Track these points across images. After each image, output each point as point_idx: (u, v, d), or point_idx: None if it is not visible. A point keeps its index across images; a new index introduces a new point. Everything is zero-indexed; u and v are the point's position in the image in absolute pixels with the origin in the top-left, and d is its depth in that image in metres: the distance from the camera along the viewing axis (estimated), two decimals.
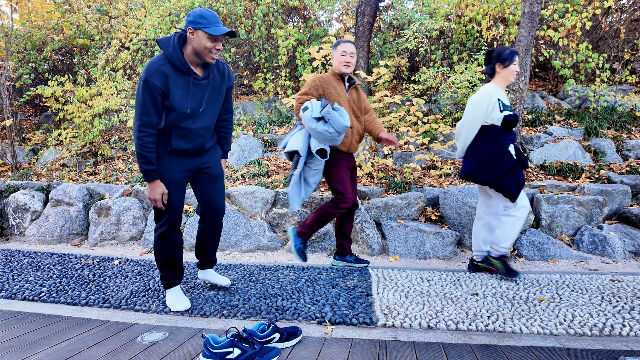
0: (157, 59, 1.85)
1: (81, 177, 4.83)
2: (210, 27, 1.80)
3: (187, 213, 3.76)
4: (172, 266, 2.12)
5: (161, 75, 1.82)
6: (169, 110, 1.90)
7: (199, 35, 1.82)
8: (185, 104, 1.90)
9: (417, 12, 6.79)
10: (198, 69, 1.94)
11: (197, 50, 1.85)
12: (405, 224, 3.38)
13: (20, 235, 3.95)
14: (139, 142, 1.85)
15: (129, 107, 5.25)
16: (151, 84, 1.81)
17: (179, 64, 1.85)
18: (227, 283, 2.34)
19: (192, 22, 1.81)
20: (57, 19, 6.71)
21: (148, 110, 1.83)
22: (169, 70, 1.84)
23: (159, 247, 2.06)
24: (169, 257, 2.09)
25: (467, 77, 4.74)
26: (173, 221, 2.02)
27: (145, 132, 1.85)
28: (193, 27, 1.81)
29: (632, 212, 3.44)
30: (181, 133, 1.95)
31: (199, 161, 2.09)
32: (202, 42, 1.82)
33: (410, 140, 4.74)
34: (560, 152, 4.70)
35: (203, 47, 1.83)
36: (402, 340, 1.76)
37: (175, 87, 1.86)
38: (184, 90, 1.89)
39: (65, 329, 1.89)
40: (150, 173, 1.89)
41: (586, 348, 1.68)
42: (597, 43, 6.57)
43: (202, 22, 1.80)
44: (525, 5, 4.14)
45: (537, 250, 3.21)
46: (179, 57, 1.84)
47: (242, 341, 1.59)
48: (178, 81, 1.87)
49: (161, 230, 2.03)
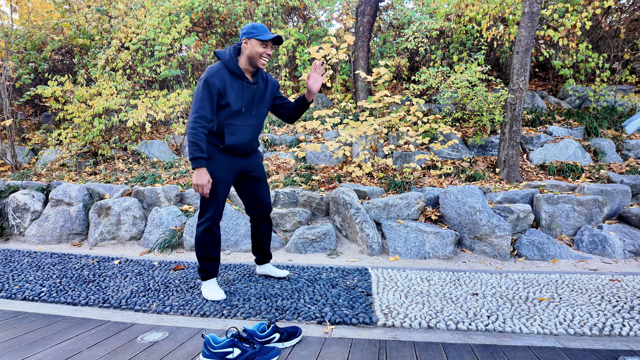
0: (216, 65, 2.15)
1: (81, 177, 4.83)
2: (260, 35, 2.10)
3: (187, 213, 3.76)
4: (211, 260, 2.29)
5: (220, 77, 2.10)
6: (223, 108, 2.15)
7: (252, 42, 2.11)
8: (239, 103, 2.18)
9: (417, 12, 6.79)
10: (249, 75, 2.23)
11: (250, 56, 2.14)
12: (405, 224, 3.38)
13: (20, 235, 3.95)
14: (193, 131, 2.04)
15: (129, 107, 5.25)
16: (211, 82, 2.07)
17: (235, 69, 2.14)
18: (286, 274, 2.58)
19: (246, 34, 2.13)
20: (57, 18, 6.70)
21: (205, 105, 2.07)
22: (226, 75, 2.14)
23: (201, 241, 2.23)
24: (209, 251, 2.26)
25: (467, 77, 4.74)
26: (216, 217, 2.22)
27: (200, 123, 2.06)
28: (247, 37, 2.11)
29: (632, 212, 3.45)
30: (232, 130, 2.19)
31: (245, 163, 2.32)
32: (255, 48, 2.11)
33: (410, 140, 4.74)
34: (560, 152, 4.70)
35: (256, 53, 2.12)
36: (402, 340, 1.77)
37: (230, 88, 2.14)
38: (238, 92, 2.17)
39: (65, 329, 1.89)
40: (199, 160, 2.06)
41: (586, 348, 1.68)
42: (597, 43, 6.57)
43: (254, 32, 2.10)
44: (525, 5, 4.14)
45: (537, 250, 3.21)
46: (235, 63, 2.14)
47: (242, 341, 1.59)
48: (233, 84, 2.15)
49: (205, 225, 2.20)
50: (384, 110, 4.99)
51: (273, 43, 2.15)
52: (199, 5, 5.99)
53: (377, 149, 4.64)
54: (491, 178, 4.31)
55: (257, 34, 2.10)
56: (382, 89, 5.79)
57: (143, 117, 4.79)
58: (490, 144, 5.01)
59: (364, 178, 4.31)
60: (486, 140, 5.04)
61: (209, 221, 2.19)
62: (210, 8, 6.25)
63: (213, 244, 2.25)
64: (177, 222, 3.66)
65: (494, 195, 3.68)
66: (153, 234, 3.59)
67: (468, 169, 4.50)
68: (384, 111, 5.04)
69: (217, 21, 6.49)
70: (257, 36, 2.09)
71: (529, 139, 4.98)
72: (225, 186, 2.22)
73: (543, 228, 3.49)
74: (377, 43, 7.00)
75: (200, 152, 2.04)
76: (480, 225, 3.27)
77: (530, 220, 3.44)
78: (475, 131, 5.12)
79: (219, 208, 2.21)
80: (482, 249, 3.27)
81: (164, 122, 6.38)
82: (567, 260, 3.14)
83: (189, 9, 5.97)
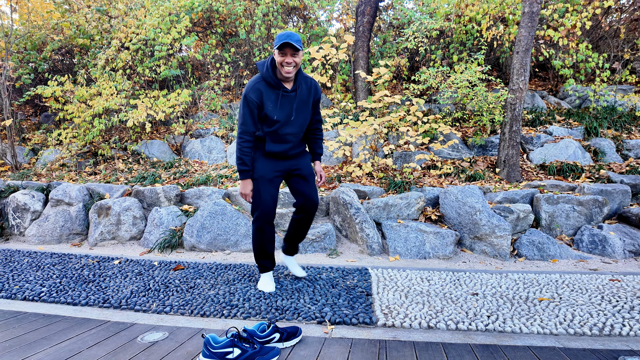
0: (255, 78, 2.24)
1: (81, 177, 4.83)
2: (276, 46, 2.12)
3: (187, 213, 3.76)
4: (265, 255, 2.41)
5: (256, 91, 2.20)
6: (264, 119, 2.26)
7: (275, 53, 2.16)
8: (275, 113, 2.24)
9: (417, 11, 6.79)
10: (287, 84, 2.27)
11: (277, 66, 2.18)
12: (405, 224, 3.38)
13: (20, 235, 3.95)
14: (238, 146, 2.24)
15: (129, 107, 5.25)
16: (249, 98, 2.19)
17: (270, 80, 2.20)
18: (304, 275, 2.62)
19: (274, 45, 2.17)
20: (57, 18, 6.70)
21: (246, 121, 2.22)
22: (263, 87, 2.21)
23: (255, 238, 2.37)
24: (262, 247, 2.38)
25: (467, 77, 4.74)
26: (266, 215, 2.30)
27: (243, 139, 2.23)
28: (274, 49, 2.15)
29: (632, 211, 3.44)
30: (273, 138, 2.29)
31: (289, 164, 2.39)
32: (276, 58, 2.15)
33: (410, 140, 4.73)
34: (560, 152, 4.70)
35: (278, 63, 2.16)
36: (402, 340, 1.77)
37: (267, 99, 2.22)
38: (275, 102, 2.24)
39: (65, 329, 1.89)
40: (244, 173, 2.26)
41: (586, 348, 1.68)
42: (597, 43, 6.57)
43: (275, 43, 2.13)
44: (525, 5, 4.14)
45: (537, 250, 3.21)
46: (270, 75, 2.20)
47: (242, 341, 1.59)
48: (270, 95, 2.23)
49: (257, 223, 2.33)
50: (384, 110, 4.99)
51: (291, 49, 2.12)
52: (199, 5, 5.99)
53: (377, 149, 4.64)
54: (491, 178, 4.31)
55: (275, 43, 2.13)
56: (382, 89, 5.79)
57: (143, 117, 4.79)
58: (490, 144, 5.01)
59: (364, 178, 4.31)
60: (486, 140, 5.04)
61: (259, 220, 2.31)
62: (210, 8, 6.25)
63: (266, 241, 2.36)
64: (177, 222, 3.66)
65: (494, 195, 3.68)
66: (153, 234, 3.59)
67: (468, 169, 4.50)
68: (384, 111, 5.04)
69: (217, 21, 6.49)
70: (274, 46, 2.13)
71: (529, 139, 4.98)
72: (271, 185, 2.32)
73: (543, 228, 3.49)
74: (377, 43, 7.00)
75: (244, 166, 2.24)
76: (480, 225, 3.27)
77: (530, 220, 3.44)
78: (475, 131, 5.12)
79: (266, 207, 2.29)
80: (482, 248, 3.27)
81: (164, 122, 6.38)
82: (567, 260, 3.14)
83: (189, 9, 5.97)
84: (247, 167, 2.25)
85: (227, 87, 7.48)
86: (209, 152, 5.44)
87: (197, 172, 4.84)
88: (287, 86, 2.27)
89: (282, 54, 2.12)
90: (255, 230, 2.35)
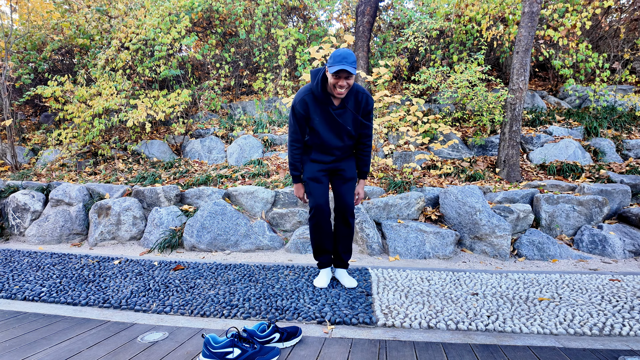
0: (304, 89, 2.27)
1: (81, 177, 4.83)
2: (330, 66, 2.08)
3: (187, 213, 3.76)
4: (321, 250, 2.47)
5: (303, 103, 2.25)
6: (311, 130, 2.33)
7: (328, 73, 2.13)
8: (321, 128, 2.29)
9: (417, 11, 6.79)
10: (336, 99, 2.26)
11: (329, 85, 2.18)
12: (405, 224, 3.38)
13: (20, 235, 3.95)
14: (289, 153, 2.37)
15: (129, 107, 5.25)
16: (295, 110, 2.26)
17: (319, 94, 2.22)
18: (354, 285, 2.46)
19: (327, 63, 2.13)
20: (56, 18, 6.70)
21: (295, 129, 2.31)
22: (310, 100, 2.25)
23: (312, 235, 2.45)
24: (318, 242, 2.44)
25: (467, 77, 4.74)
26: (318, 211, 2.36)
27: (294, 146, 2.35)
28: (327, 66, 2.12)
29: (632, 211, 3.44)
30: (319, 149, 2.38)
31: (334, 165, 2.44)
32: (329, 79, 2.13)
33: (410, 140, 4.73)
34: (560, 152, 4.70)
35: (330, 84, 2.15)
36: (402, 340, 1.76)
37: (314, 113, 2.27)
38: (321, 117, 2.28)
39: (65, 329, 1.89)
40: (295, 177, 2.41)
41: (586, 348, 1.68)
42: (597, 43, 6.57)
43: (329, 62, 2.10)
44: (525, 5, 4.14)
45: (537, 249, 3.21)
46: (318, 90, 2.21)
47: (242, 341, 1.59)
48: (317, 109, 2.26)
49: (313, 220, 2.39)
50: (383, 110, 4.99)
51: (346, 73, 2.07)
52: (199, 5, 5.99)
53: (377, 149, 4.64)
54: (491, 178, 4.31)
55: (330, 65, 2.08)
56: (382, 88, 5.79)
57: (143, 117, 4.79)
58: (490, 144, 5.01)
59: None
60: (486, 140, 5.04)
61: (315, 217, 2.37)
62: (210, 8, 6.25)
63: (322, 236, 2.41)
64: (177, 222, 3.66)
65: (494, 195, 3.68)
66: (153, 234, 3.59)
67: (468, 169, 4.50)
68: (384, 111, 5.04)
69: (217, 21, 6.49)
70: (329, 67, 2.08)
71: (529, 139, 4.98)
72: (317, 183, 2.38)
73: (543, 228, 3.49)
74: (377, 43, 7.00)
75: (295, 171, 2.39)
76: (480, 225, 3.27)
77: (530, 220, 3.44)
78: (475, 131, 5.12)
79: (317, 203, 2.35)
80: (482, 248, 3.27)
81: (164, 122, 6.38)
82: (567, 260, 3.14)
83: (189, 9, 5.97)
84: (298, 173, 2.39)
85: (227, 87, 7.48)
86: (209, 152, 5.44)
87: (197, 172, 4.84)
88: (335, 102, 2.26)
89: (337, 77, 2.09)
90: (311, 227, 2.41)
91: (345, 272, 2.54)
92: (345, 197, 2.41)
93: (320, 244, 2.45)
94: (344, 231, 2.46)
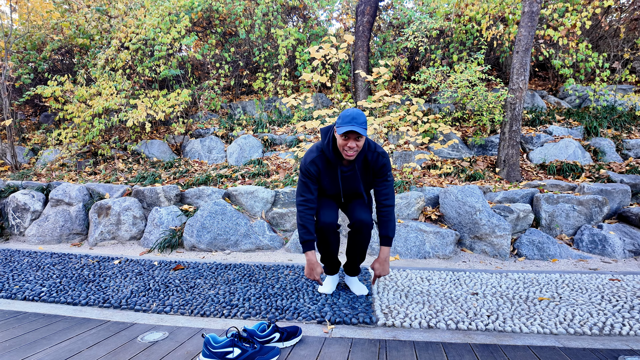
0: (314, 148, 2.19)
1: (81, 177, 4.83)
2: (339, 127, 1.99)
3: (187, 213, 3.76)
4: (328, 260, 2.36)
5: (314, 165, 2.17)
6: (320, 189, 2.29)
7: (336, 134, 2.05)
8: (332, 189, 2.25)
9: (417, 11, 6.79)
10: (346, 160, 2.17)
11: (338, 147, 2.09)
12: (405, 224, 3.38)
13: (20, 235, 3.95)
14: (300, 214, 2.18)
15: (129, 107, 5.25)
16: (305, 171, 2.18)
17: (329, 155, 2.14)
18: (365, 293, 2.34)
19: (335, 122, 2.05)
20: (56, 18, 6.70)
21: (305, 189, 2.19)
22: (320, 161, 2.17)
23: (319, 244, 2.32)
24: (324, 253, 2.33)
25: (466, 77, 4.74)
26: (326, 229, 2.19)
27: (305, 206, 2.17)
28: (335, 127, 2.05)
29: (632, 211, 3.44)
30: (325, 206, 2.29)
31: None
32: (338, 140, 2.04)
33: (410, 140, 4.73)
34: (560, 152, 4.70)
35: (339, 145, 2.05)
36: (402, 340, 1.77)
37: (324, 174, 2.20)
38: (332, 178, 2.21)
39: (65, 329, 1.89)
40: (308, 243, 2.17)
41: (586, 347, 1.68)
42: (597, 42, 6.56)
43: (337, 122, 2.02)
44: (525, 5, 4.14)
45: (537, 249, 3.21)
46: (329, 151, 2.12)
47: (242, 341, 1.59)
48: (327, 170, 2.19)
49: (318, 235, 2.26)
50: (383, 110, 4.99)
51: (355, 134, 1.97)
52: (199, 5, 5.99)
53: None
54: (491, 178, 4.31)
55: (338, 126, 1.98)
56: (382, 88, 5.79)
57: (143, 117, 4.79)
58: (490, 144, 5.01)
59: None
60: (486, 140, 5.04)
61: (320, 232, 2.23)
62: (210, 8, 6.25)
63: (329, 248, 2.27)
64: (177, 222, 3.66)
65: (494, 195, 3.68)
66: (153, 234, 3.59)
67: (468, 169, 4.49)
68: (384, 111, 5.04)
69: (216, 21, 6.49)
70: (337, 128, 1.98)
71: (529, 139, 4.98)
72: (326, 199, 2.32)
73: (543, 227, 3.49)
74: (377, 43, 7.00)
75: (308, 235, 2.15)
76: (480, 225, 3.27)
77: (530, 219, 3.44)
78: (475, 131, 5.12)
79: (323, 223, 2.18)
80: (482, 248, 3.27)
81: (164, 122, 6.38)
82: (567, 260, 3.14)
83: (189, 9, 5.97)
84: (311, 237, 2.14)
85: (227, 87, 7.48)
86: (209, 152, 5.44)
87: (197, 172, 4.84)
88: (344, 162, 2.17)
89: (345, 138, 1.99)
90: (318, 238, 2.26)
91: (356, 279, 2.43)
92: (354, 212, 2.22)
93: (327, 254, 2.32)
94: (358, 238, 2.26)
